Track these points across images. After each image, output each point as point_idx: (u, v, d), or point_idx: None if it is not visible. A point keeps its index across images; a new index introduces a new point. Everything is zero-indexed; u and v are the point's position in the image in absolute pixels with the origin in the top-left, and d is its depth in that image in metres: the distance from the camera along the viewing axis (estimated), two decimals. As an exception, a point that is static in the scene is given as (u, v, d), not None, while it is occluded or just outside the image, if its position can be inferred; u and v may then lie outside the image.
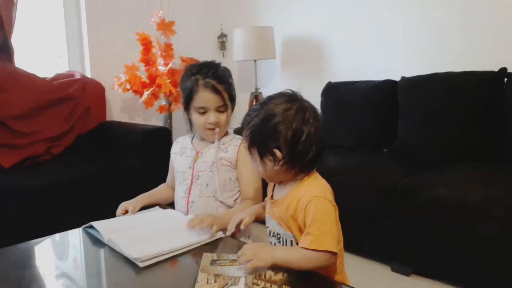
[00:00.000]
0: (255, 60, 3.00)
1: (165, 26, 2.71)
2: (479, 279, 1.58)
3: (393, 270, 1.85)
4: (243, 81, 3.46)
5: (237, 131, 1.25)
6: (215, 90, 1.17)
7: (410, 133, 2.20)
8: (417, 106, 2.18)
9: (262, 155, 0.89)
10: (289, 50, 3.10)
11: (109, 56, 2.84)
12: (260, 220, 1.09)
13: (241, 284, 0.78)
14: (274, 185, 0.99)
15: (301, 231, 0.88)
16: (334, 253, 0.83)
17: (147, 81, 2.71)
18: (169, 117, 2.87)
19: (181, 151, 1.31)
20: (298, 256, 0.83)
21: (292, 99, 0.90)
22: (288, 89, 0.93)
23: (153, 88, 2.63)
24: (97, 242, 1.04)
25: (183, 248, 0.96)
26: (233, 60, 3.12)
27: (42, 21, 2.75)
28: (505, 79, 1.95)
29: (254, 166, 0.95)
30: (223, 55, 3.57)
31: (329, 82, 2.65)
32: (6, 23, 2.28)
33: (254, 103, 3.06)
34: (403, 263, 1.82)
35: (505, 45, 2.08)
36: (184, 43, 2.98)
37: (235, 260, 0.86)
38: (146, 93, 2.60)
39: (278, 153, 0.87)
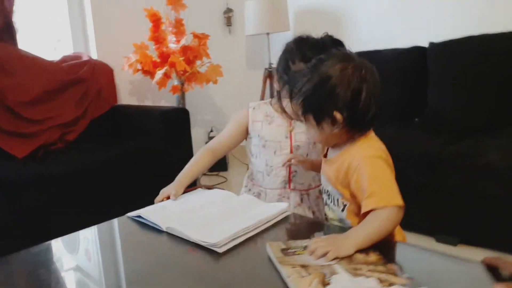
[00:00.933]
0: (267, 34, 2.87)
1: (175, 1, 2.55)
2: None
3: (438, 241, 1.79)
4: (254, 57, 3.33)
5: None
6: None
7: (442, 101, 2.12)
8: (450, 72, 2.10)
9: (319, 120, 0.86)
10: (304, 21, 2.96)
11: (116, 35, 2.68)
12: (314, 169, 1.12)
13: (342, 273, 0.68)
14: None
15: (352, 195, 0.86)
16: (402, 207, 0.78)
17: (158, 60, 2.57)
18: (182, 97, 2.74)
19: (267, 119, 1.21)
20: (375, 225, 0.77)
21: (345, 58, 0.86)
22: (337, 49, 0.89)
23: (166, 67, 2.49)
24: (152, 230, 0.93)
25: (256, 227, 0.88)
26: (245, 35, 2.98)
27: (40, 2, 2.57)
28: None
29: (309, 132, 0.92)
30: (230, 32, 3.42)
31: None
32: (7, 2, 2.11)
33: (268, 80, 2.94)
34: (449, 233, 1.76)
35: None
36: (193, 18, 2.83)
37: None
38: (160, 73, 2.47)
39: (338, 116, 0.83)
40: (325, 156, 0.97)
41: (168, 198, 1.09)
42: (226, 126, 1.27)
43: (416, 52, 2.24)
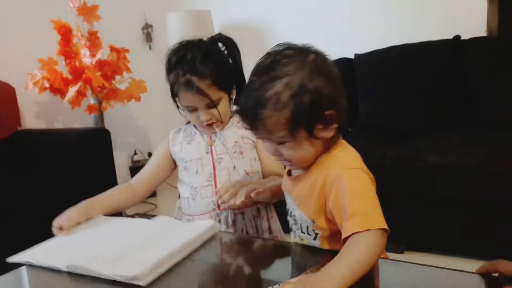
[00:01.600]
0: (193, 48, 2.72)
1: (88, 11, 2.29)
2: (478, 246, 1.57)
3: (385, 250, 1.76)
4: (178, 74, 3.16)
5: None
6: (197, 91, 0.96)
7: (373, 109, 2.17)
8: (377, 81, 2.16)
9: (312, 129, 0.70)
10: (229, 35, 2.88)
11: (17, 49, 2.33)
12: (280, 197, 0.90)
13: None
14: None
15: (327, 218, 0.72)
16: (386, 232, 0.63)
17: (70, 76, 2.27)
18: (100, 117, 2.45)
19: (186, 140, 1.10)
20: (358, 257, 0.60)
21: (303, 51, 0.72)
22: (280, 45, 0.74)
23: (80, 84, 2.21)
24: (46, 274, 0.73)
25: (182, 250, 0.75)
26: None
27: None
28: (461, 47, 2.01)
29: (293, 151, 0.72)
30: (150, 48, 3.21)
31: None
32: None
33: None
34: (395, 241, 1.74)
35: (457, 13, 2.15)
36: (109, 32, 2.58)
37: None
38: (72, 90, 2.17)
39: (333, 113, 0.69)
40: (289, 173, 0.82)
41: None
42: (149, 159, 1.15)
43: (342, 63, 2.27)
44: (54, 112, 2.53)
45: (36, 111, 2.48)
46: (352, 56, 2.28)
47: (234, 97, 1.06)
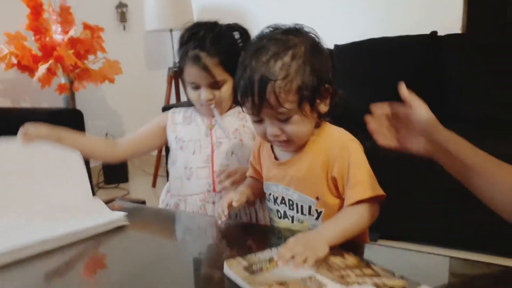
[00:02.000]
0: (171, 30, 2.65)
1: (60, -15, 2.18)
2: (453, 234, 1.63)
3: (359, 237, 1.81)
4: (155, 56, 3.07)
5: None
6: (203, 67, 0.97)
7: (350, 100, 2.18)
8: (355, 73, 2.18)
9: (314, 103, 0.73)
10: (208, 17, 2.82)
11: (-20, 22, 2.17)
12: (256, 197, 0.92)
13: (331, 285, 0.56)
14: (272, 146, 0.82)
15: (331, 189, 0.76)
16: (382, 199, 0.73)
17: (40, 53, 2.16)
18: (72, 98, 2.35)
19: (186, 120, 1.10)
20: (350, 221, 0.70)
21: (300, 30, 0.76)
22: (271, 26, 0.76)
23: (51, 61, 2.10)
24: None
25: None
26: (144, 31, 2.71)
27: None
28: (437, 42, 2.06)
29: (297, 127, 0.73)
30: (124, 28, 3.09)
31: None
32: None
33: (173, 80, 2.72)
34: (369, 230, 1.79)
35: (435, 9, 2.19)
36: (82, 10, 2.46)
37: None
38: (43, 68, 2.06)
39: (328, 87, 0.74)
40: (275, 159, 0.82)
41: None
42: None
43: (322, 53, 2.29)
44: (21, 90, 2.39)
45: (1, 89, 2.34)
46: (332, 47, 2.30)
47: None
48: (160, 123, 1.10)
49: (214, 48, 0.97)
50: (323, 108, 0.75)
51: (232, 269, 0.60)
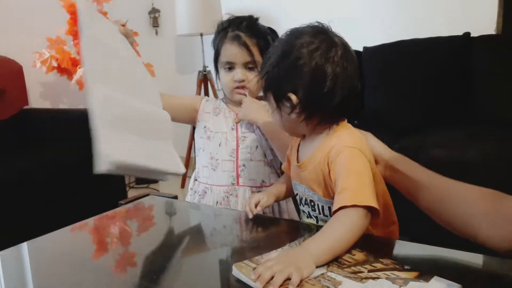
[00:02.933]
0: (201, 34, 2.72)
1: (97, -9, 2.29)
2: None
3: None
4: (186, 60, 3.15)
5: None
6: (243, 44, 1.03)
7: (379, 102, 2.18)
8: (384, 75, 2.17)
9: (277, 100, 0.75)
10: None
11: (25, 27, 2.31)
12: (286, 196, 0.92)
13: (347, 282, 0.55)
14: (299, 146, 0.83)
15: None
16: (376, 212, 0.66)
17: (78, 57, 2.27)
18: (107, 100, 2.45)
19: (215, 111, 1.14)
20: (338, 236, 0.62)
21: (317, 31, 0.73)
22: (316, 21, 0.75)
23: (88, 65, 2.20)
24: (77, 254, 0.74)
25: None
26: (176, 35, 2.80)
27: None
28: (470, 43, 2.02)
29: (271, 115, 0.80)
30: (156, 33, 3.20)
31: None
32: None
33: (202, 84, 2.78)
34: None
35: (467, 10, 2.15)
36: (117, 14, 2.56)
37: None
38: (80, 71, 2.16)
39: (293, 97, 0.71)
40: (297, 160, 0.82)
41: None
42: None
43: (351, 55, 2.28)
44: (60, 92, 2.52)
45: (42, 91, 2.47)
46: (361, 49, 2.28)
47: None
48: (194, 104, 1.15)
49: (252, 30, 1.04)
50: (285, 111, 0.74)
51: (242, 271, 0.58)
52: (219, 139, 1.09)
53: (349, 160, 0.69)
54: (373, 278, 0.56)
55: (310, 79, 0.70)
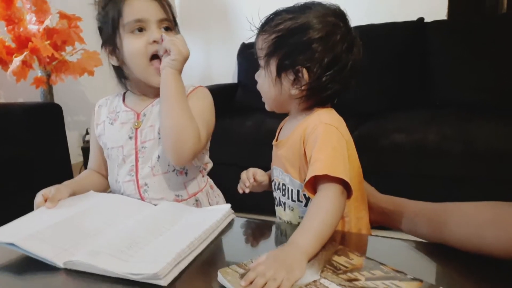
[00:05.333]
0: (152, 20, 2.56)
1: (33, -28, 2.06)
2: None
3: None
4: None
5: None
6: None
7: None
8: (343, 61, 2.16)
9: (282, 70, 0.71)
10: (191, 9, 2.74)
11: None
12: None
13: None
14: (281, 129, 0.82)
15: None
16: (348, 190, 0.64)
17: (13, 45, 2.04)
18: (49, 92, 2.24)
19: (110, 117, 0.93)
20: (321, 222, 0.60)
21: (340, 16, 0.72)
22: (333, 4, 0.73)
23: (26, 53, 1.99)
24: (34, 261, 0.62)
25: (201, 241, 0.64)
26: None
27: None
28: (423, 28, 2.05)
29: (262, 82, 0.75)
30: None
31: (243, 43, 2.44)
32: None
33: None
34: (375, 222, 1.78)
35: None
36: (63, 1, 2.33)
37: None
38: (17, 61, 1.95)
39: (306, 75, 0.70)
40: (276, 139, 0.81)
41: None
42: (90, 139, 1.01)
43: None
44: (-7, 85, 2.27)
45: (-27, 84, 2.22)
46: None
47: None
48: (93, 130, 0.96)
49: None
50: (291, 88, 0.72)
51: (227, 278, 0.53)
52: (115, 157, 0.90)
53: (324, 135, 0.68)
54: None
55: (329, 63, 0.69)
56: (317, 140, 0.67)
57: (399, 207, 0.76)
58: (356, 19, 2.20)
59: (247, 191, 0.82)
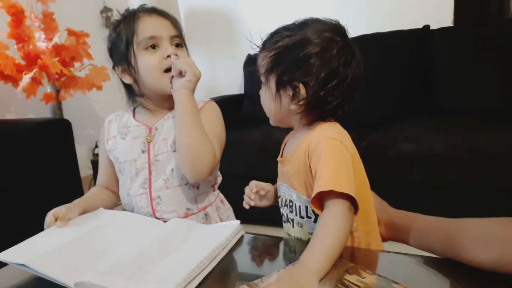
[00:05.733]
0: (158, 34, 2.59)
1: (41, -10, 2.11)
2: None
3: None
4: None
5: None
6: (164, 14, 0.91)
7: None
8: (348, 70, 2.16)
9: (280, 86, 0.72)
10: (196, 21, 2.77)
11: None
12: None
13: None
14: (285, 144, 0.81)
15: None
16: (355, 205, 0.63)
17: (23, 62, 2.08)
18: (59, 107, 2.28)
19: (121, 132, 0.94)
20: (331, 240, 0.60)
21: (337, 31, 0.72)
22: (332, 19, 0.74)
23: (35, 70, 2.03)
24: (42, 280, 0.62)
25: (212, 258, 0.64)
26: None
27: None
28: (429, 36, 2.05)
29: (263, 97, 0.77)
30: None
31: (249, 55, 2.46)
32: None
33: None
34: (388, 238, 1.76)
35: (427, 2, 2.18)
36: (65, 16, 2.38)
37: None
38: (27, 78, 1.98)
39: (302, 90, 0.70)
40: (281, 155, 0.80)
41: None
42: (99, 154, 1.01)
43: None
44: (5, 102, 2.31)
45: (-16, 101, 2.26)
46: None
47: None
48: (103, 145, 0.96)
49: (162, 11, 0.92)
50: (290, 104, 0.72)
51: None
52: (128, 171, 0.91)
53: (327, 148, 0.67)
54: None
55: (326, 77, 0.69)
56: (321, 155, 0.67)
57: (411, 221, 0.75)
58: (361, 28, 2.24)
59: (252, 203, 0.82)
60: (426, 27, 2.05)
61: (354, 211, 0.64)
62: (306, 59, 0.69)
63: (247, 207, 0.82)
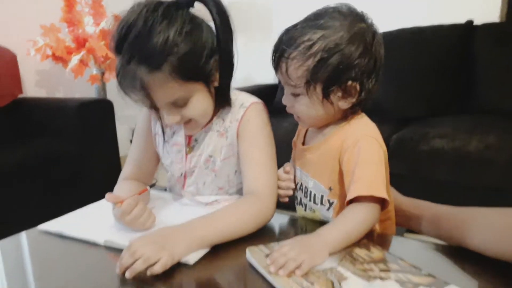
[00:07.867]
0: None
1: (92, -22, 2.23)
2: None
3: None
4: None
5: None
6: (143, 90, 0.70)
7: (379, 92, 2.13)
8: (385, 64, 2.11)
9: (330, 91, 0.69)
10: (232, 11, 2.82)
11: (18, 15, 2.25)
12: None
13: (352, 278, 0.55)
14: (307, 130, 0.82)
15: (341, 182, 0.72)
16: (386, 204, 0.67)
17: (73, 45, 2.23)
18: (103, 88, 2.42)
19: (166, 134, 0.89)
20: (352, 225, 0.64)
21: (359, 16, 0.71)
22: (342, 4, 0.73)
23: (83, 53, 2.16)
24: (76, 244, 0.70)
25: None
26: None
27: None
28: (472, 32, 1.97)
29: (305, 108, 0.72)
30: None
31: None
32: None
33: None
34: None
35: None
36: (114, 1, 2.49)
37: None
38: (76, 59, 2.12)
39: (357, 88, 0.69)
40: (303, 143, 0.82)
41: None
42: (132, 142, 0.94)
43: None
44: (55, 81, 2.48)
45: (37, 79, 2.43)
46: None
47: (218, 83, 0.78)
48: (146, 126, 0.90)
49: (157, 53, 0.66)
50: (342, 104, 0.70)
51: (254, 255, 0.61)
52: (169, 170, 0.91)
53: (366, 149, 0.68)
54: (382, 278, 0.55)
55: (373, 69, 0.70)
56: (359, 156, 0.67)
57: (421, 209, 0.76)
58: (400, 21, 2.19)
59: (290, 193, 0.82)
60: (469, 22, 1.98)
61: (382, 208, 0.67)
62: (352, 60, 0.67)
63: (286, 199, 0.81)
